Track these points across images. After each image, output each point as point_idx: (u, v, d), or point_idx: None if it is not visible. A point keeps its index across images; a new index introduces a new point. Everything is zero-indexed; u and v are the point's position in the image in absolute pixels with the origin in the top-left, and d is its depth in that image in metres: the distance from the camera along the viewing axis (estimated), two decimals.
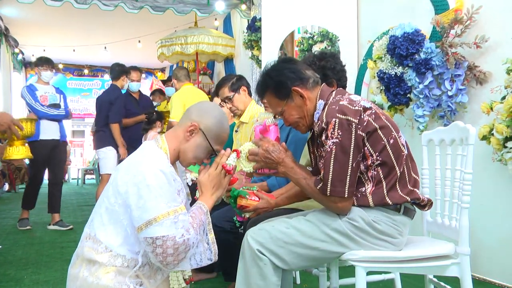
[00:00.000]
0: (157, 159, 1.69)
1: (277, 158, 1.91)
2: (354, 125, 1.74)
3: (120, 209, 1.66)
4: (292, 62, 1.98)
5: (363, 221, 1.80)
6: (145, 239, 1.60)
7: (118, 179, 1.67)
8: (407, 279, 2.84)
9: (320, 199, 1.83)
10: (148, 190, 1.60)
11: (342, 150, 1.74)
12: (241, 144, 3.31)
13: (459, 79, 3.12)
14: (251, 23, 5.71)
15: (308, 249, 1.82)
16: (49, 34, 9.14)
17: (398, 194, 1.80)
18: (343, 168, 1.73)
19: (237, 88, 3.29)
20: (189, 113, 1.86)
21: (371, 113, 1.79)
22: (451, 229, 2.02)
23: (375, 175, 1.79)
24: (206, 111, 1.85)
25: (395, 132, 1.82)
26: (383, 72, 3.49)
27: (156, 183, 1.61)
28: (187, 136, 1.80)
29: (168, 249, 1.60)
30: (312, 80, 1.93)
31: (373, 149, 1.77)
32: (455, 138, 2.06)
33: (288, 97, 1.92)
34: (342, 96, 1.85)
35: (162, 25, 7.47)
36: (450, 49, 3.11)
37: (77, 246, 1.77)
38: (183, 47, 6.52)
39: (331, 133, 1.76)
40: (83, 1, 5.73)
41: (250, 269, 1.82)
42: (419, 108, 3.34)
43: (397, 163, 1.80)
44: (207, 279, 3.21)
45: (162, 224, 1.58)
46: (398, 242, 1.85)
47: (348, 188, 1.74)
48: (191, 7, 6.21)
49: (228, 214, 2.67)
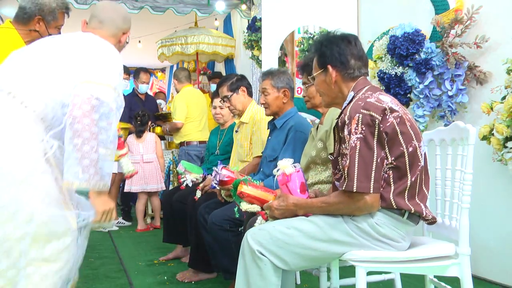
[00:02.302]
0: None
1: (288, 207, 1.90)
2: (377, 121, 1.74)
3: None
4: (347, 44, 1.95)
5: (367, 223, 1.79)
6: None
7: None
8: (407, 279, 2.84)
9: (347, 204, 1.78)
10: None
11: (366, 145, 1.73)
12: (241, 145, 3.31)
13: (459, 79, 3.12)
14: (251, 23, 5.70)
15: (309, 249, 1.81)
16: None
17: (404, 201, 1.78)
18: (368, 164, 1.72)
19: (235, 88, 3.30)
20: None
21: (397, 116, 1.77)
22: (451, 229, 2.02)
23: (385, 178, 1.78)
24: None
25: (416, 141, 1.80)
26: (383, 72, 3.49)
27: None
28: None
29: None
30: (352, 71, 1.93)
31: (390, 152, 1.77)
32: (455, 138, 2.05)
33: (323, 69, 1.96)
34: (372, 94, 1.83)
35: (162, 25, 7.46)
36: (450, 49, 3.11)
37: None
38: (183, 47, 6.52)
39: (355, 128, 1.75)
40: (83, 1, 5.72)
41: (250, 269, 1.81)
42: (419, 108, 3.34)
43: (411, 171, 1.79)
44: (207, 279, 3.21)
45: None
46: (400, 246, 1.84)
47: (373, 184, 1.73)
48: (191, 7, 6.21)
49: (227, 213, 2.67)
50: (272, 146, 2.90)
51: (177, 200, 3.58)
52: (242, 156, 3.31)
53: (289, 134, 2.79)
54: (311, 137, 2.58)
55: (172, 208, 3.62)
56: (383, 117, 1.75)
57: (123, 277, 3.35)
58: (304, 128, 2.79)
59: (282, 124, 2.88)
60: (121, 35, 2.07)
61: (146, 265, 3.68)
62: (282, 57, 5.26)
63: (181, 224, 3.49)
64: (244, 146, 3.29)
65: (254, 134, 3.23)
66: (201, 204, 3.04)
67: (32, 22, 2.45)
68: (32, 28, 2.46)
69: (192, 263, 3.23)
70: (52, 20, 2.50)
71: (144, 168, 5.11)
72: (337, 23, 4.26)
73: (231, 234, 2.67)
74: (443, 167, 2.17)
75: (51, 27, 2.51)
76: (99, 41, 1.87)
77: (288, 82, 2.91)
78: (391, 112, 1.77)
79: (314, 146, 2.50)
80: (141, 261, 3.79)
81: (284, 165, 1.98)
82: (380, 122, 1.74)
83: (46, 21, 2.48)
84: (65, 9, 2.56)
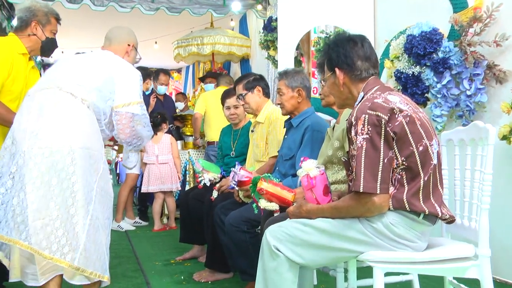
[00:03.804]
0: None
1: (301, 214, 1.93)
2: (384, 121, 1.73)
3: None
4: (353, 45, 1.95)
5: (381, 223, 1.78)
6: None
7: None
8: (426, 281, 2.81)
9: (356, 207, 1.78)
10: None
11: (372, 146, 1.72)
12: (257, 145, 3.31)
13: (478, 78, 3.08)
14: (267, 23, 5.70)
15: (325, 247, 1.83)
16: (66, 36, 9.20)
17: (419, 203, 1.77)
18: (375, 164, 1.72)
19: (251, 87, 3.32)
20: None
21: (406, 115, 1.76)
22: (471, 230, 1.99)
23: (399, 179, 1.77)
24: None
25: (427, 139, 1.78)
26: (400, 72, 3.47)
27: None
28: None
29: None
30: (359, 73, 1.93)
31: (399, 153, 1.75)
32: (474, 138, 2.03)
33: (332, 72, 1.98)
34: (380, 94, 1.83)
35: (178, 26, 7.49)
36: (468, 48, 3.07)
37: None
38: (199, 47, 6.54)
39: (361, 129, 1.75)
40: (100, 3, 5.78)
41: (267, 264, 1.85)
42: (437, 108, 3.31)
43: (423, 170, 1.77)
44: (224, 279, 3.22)
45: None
46: (417, 247, 1.83)
47: (380, 185, 1.72)
48: (207, 7, 6.23)
49: (245, 214, 2.68)
50: (288, 145, 2.90)
51: (193, 198, 3.59)
52: (258, 156, 3.31)
53: (305, 133, 2.78)
54: (328, 137, 2.58)
55: (189, 208, 3.63)
56: (391, 117, 1.74)
57: (140, 277, 3.37)
58: (321, 127, 2.78)
59: (298, 123, 2.87)
60: (127, 47, 2.61)
61: (163, 264, 3.70)
62: (298, 57, 5.25)
63: (198, 224, 3.50)
64: (260, 146, 3.29)
65: (270, 134, 3.23)
66: (217, 204, 3.04)
67: (29, 27, 2.73)
68: (30, 32, 2.73)
69: (209, 263, 3.24)
70: (46, 23, 2.77)
71: (160, 168, 5.15)
72: (353, 22, 4.24)
73: (248, 236, 2.67)
74: (462, 167, 2.14)
75: (47, 30, 2.78)
76: (123, 64, 2.44)
77: (303, 82, 2.90)
78: (400, 112, 1.76)
79: (330, 146, 2.49)
80: (158, 260, 3.81)
81: (309, 167, 1.97)
82: (388, 122, 1.74)
83: (42, 24, 2.75)
84: (55, 15, 2.83)
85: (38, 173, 2.09)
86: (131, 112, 2.34)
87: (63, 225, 2.07)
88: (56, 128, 2.15)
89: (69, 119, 2.18)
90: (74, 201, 2.09)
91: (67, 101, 2.22)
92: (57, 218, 2.07)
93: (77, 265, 2.07)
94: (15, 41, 2.70)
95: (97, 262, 2.13)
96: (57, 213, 2.07)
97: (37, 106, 2.20)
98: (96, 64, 2.40)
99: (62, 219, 2.07)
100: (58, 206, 2.07)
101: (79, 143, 2.15)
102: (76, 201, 2.10)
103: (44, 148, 2.10)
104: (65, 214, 2.08)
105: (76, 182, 2.11)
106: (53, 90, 2.24)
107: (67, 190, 2.10)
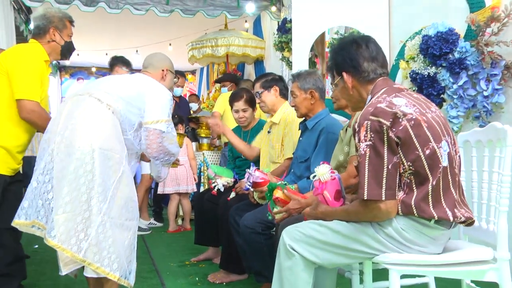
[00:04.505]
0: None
1: (317, 215, 1.95)
2: (385, 127, 1.71)
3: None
4: (357, 48, 1.94)
5: (391, 228, 1.77)
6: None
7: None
8: (442, 283, 2.78)
9: (363, 213, 1.79)
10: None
11: (375, 152, 1.71)
12: (273, 146, 3.32)
13: (495, 79, 3.04)
14: (282, 25, 5.70)
15: (340, 247, 1.83)
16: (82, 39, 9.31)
17: (428, 208, 1.74)
18: (379, 171, 1.71)
19: (268, 86, 3.36)
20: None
21: (410, 119, 1.73)
22: (489, 233, 1.97)
23: (408, 183, 1.75)
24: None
25: (435, 142, 1.75)
26: (415, 73, 3.44)
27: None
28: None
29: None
30: (366, 74, 1.92)
31: (405, 157, 1.73)
32: (492, 139, 2.00)
33: (340, 76, 1.98)
34: (386, 97, 1.81)
35: (192, 28, 7.53)
36: (486, 48, 3.03)
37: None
38: (214, 49, 6.55)
39: (364, 136, 1.74)
40: (115, 5, 5.83)
41: (283, 263, 1.87)
42: (453, 109, 3.28)
43: (432, 174, 1.74)
44: (239, 280, 3.22)
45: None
46: (429, 251, 1.81)
47: (385, 191, 1.70)
48: (221, 9, 6.24)
49: (260, 216, 2.68)
50: (303, 147, 2.89)
51: (208, 200, 3.60)
52: (274, 157, 3.31)
53: (320, 136, 2.78)
54: (340, 139, 2.57)
55: (203, 209, 3.65)
56: (394, 122, 1.72)
57: (155, 278, 3.39)
58: (336, 129, 2.78)
59: (313, 125, 2.87)
60: (161, 72, 2.78)
61: (177, 265, 3.72)
62: (313, 58, 5.25)
63: (212, 226, 3.51)
64: (276, 148, 3.29)
65: (286, 135, 3.23)
66: (232, 206, 3.05)
67: (48, 34, 2.83)
68: (49, 39, 2.83)
69: (224, 264, 3.24)
70: (63, 28, 2.88)
71: (175, 170, 5.17)
72: (368, 23, 4.23)
73: (263, 237, 2.67)
74: (479, 169, 2.12)
75: (64, 35, 2.89)
76: (155, 84, 2.63)
77: (315, 83, 2.90)
78: (404, 116, 1.73)
79: (341, 150, 2.49)
80: (173, 261, 3.83)
81: (321, 172, 1.98)
82: (391, 127, 1.72)
83: (59, 29, 2.85)
84: (69, 18, 2.94)
85: (62, 169, 2.27)
86: (159, 129, 2.52)
87: (74, 218, 2.22)
88: (80, 129, 2.32)
89: (93, 121, 2.35)
90: (88, 197, 2.24)
91: (93, 105, 2.40)
92: (69, 211, 2.23)
93: (82, 257, 2.21)
94: (39, 48, 2.79)
95: (106, 260, 2.25)
96: (71, 206, 2.22)
97: (67, 109, 2.41)
98: (129, 80, 2.65)
99: (74, 212, 2.23)
100: (72, 200, 2.23)
101: (99, 144, 2.30)
102: (90, 197, 2.24)
103: (68, 147, 2.28)
104: (78, 208, 2.23)
105: (92, 180, 2.25)
106: (83, 97, 2.44)
107: (83, 186, 2.24)
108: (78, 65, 11.79)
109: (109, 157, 2.31)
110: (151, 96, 2.54)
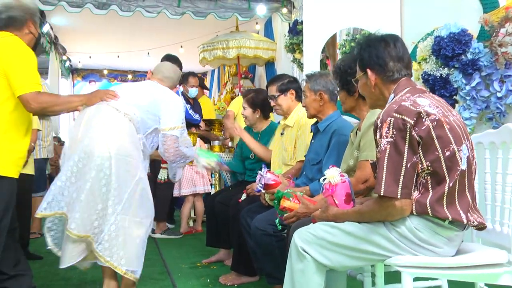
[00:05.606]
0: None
1: (328, 218, 1.94)
2: (409, 125, 1.71)
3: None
4: (385, 46, 1.92)
5: (405, 227, 1.76)
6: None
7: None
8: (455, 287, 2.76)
9: (378, 211, 1.78)
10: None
11: (396, 150, 1.71)
12: (285, 148, 3.31)
13: (509, 80, 3.01)
14: (293, 27, 5.70)
15: (352, 249, 1.83)
16: (94, 41, 9.39)
17: (442, 208, 1.73)
18: (397, 168, 1.70)
19: (285, 89, 3.33)
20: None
21: (434, 119, 1.72)
22: (503, 235, 1.95)
23: (424, 183, 1.75)
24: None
25: (456, 144, 1.74)
26: (428, 74, 3.42)
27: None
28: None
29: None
30: (391, 74, 1.91)
31: (424, 157, 1.72)
32: (506, 141, 1.99)
33: (363, 73, 1.97)
34: (410, 96, 1.80)
35: (203, 30, 7.55)
36: (499, 49, 3.01)
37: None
38: (225, 51, 6.56)
39: (386, 132, 1.73)
40: (127, 8, 5.86)
41: (295, 266, 1.87)
42: (466, 110, 3.25)
43: (449, 176, 1.73)
44: (250, 282, 3.22)
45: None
46: (443, 252, 1.79)
47: (401, 189, 1.70)
48: (232, 11, 6.25)
49: (271, 217, 2.67)
50: (315, 150, 2.88)
51: (219, 202, 3.61)
52: (286, 159, 3.30)
53: (332, 138, 2.77)
54: (350, 142, 2.56)
55: (215, 211, 3.65)
56: (418, 121, 1.72)
57: (166, 279, 3.40)
58: (347, 131, 2.76)
59: (325, 128, 2.86)
60: (174, 87, 3.08)
61: (189, 267, 3.72)
62: (324, 60, 5.23)
63: (224, 227, 3.51)
64: (289, 150, 3.28)
65: (299, 138, 3.22)
66: (243, 208, 3.05)
67: (26, 26, 2.71)
68: (26, 31, 2.72)
69: (235, 266, 3.24)
70: (38, 20, 2.82)
71: (190, 171, 5.19)
72: (380, 24, 4.19)
73: (274, 239, 2.67)
74: (493, 171, 2.10)
75: (38, 27, 2.82)
76: (168, 90, 2.91)
77: (326, 85, 2.88)
78: (427, 116, 1.73)
79: (351, 155, 2.48)
80: (184, 263, 3.83)
81: (331, 174, 1.98)
82: (414, 126, 1.71)
83: (35, 22, 2.78)
84: (40, 10, 3.05)
85: (84, 174, 2.51)
86: (175, 135, 2.78)
87: (90, 215, 2.49)
88: (98, 137, 2.54)
89: (111, 129, 2.58)
90: (105, 198, 2.50)
91: (111, 114, 2.62)
92: (87, 209, 2.49)
93: (96, 248, 2.51)
94: (17, 40, 2.57)
95: (115, 256, 2.52)
96: (89, 206, 2.48)
97: (86, 118, 2.63)
98: (144, 88, 2.90)
99: (91, 210, 2.49)
100: (90, 200, 2.49)
101: (117, 151, 2.53)
102: (107, 198, 2.50)
103: (88, 153, 2.52)
104: (93, 207, 2.50)
105: (108, 183, 2.50)
106: (101, 106, 2.65)
107: (102, 188, 2.50)
108: (90, 67, 11.86)
109: (126, 162, 2.55)
110: (167, 104, 2.79)
